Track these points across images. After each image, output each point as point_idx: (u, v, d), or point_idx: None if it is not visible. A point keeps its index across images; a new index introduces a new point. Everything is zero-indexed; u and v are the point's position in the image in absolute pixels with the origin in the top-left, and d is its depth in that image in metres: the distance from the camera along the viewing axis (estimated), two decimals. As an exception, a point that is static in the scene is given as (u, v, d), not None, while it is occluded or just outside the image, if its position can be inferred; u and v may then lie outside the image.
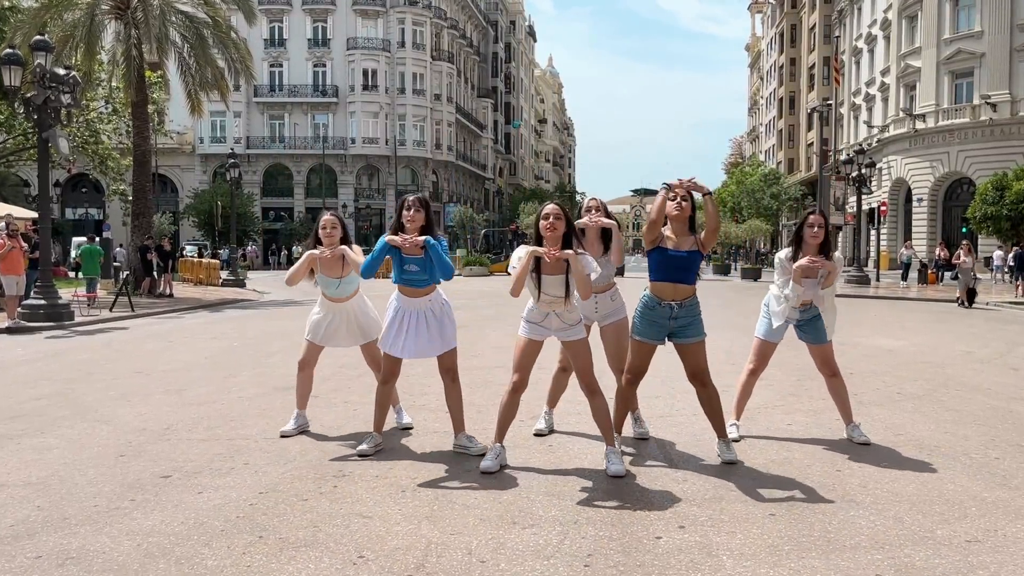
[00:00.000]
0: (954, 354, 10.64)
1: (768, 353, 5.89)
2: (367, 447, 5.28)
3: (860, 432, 5.69)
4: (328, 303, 5.98)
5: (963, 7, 41.71)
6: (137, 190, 24.56)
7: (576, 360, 4.94)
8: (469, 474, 4.82)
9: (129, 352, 11.00)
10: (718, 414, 5.19)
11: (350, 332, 6.01)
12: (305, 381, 6.10)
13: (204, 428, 6.08)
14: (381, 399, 5.35)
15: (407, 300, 5.24)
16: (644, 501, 4.31)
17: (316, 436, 5.85)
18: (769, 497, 4.39)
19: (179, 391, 7.73)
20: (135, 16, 22.94)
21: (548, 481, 4.68)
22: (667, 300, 5.04)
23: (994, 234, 22.50)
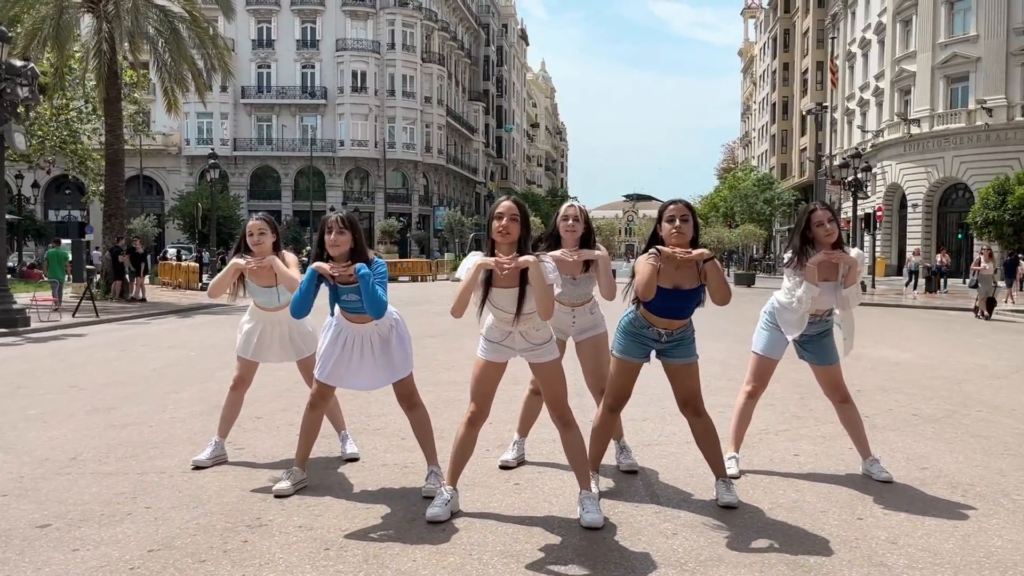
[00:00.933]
0: (967, 368, 9.85)
1: (768, 371, 5.03)
2: (285, 486, 4.43)
3: (880, 468, 4.86)
4: (260, 313, 5.16)
5: (958, 11, 41.15)
6: (109, 190, 23.63)
7: (546, 387, 4.11)
8: (413, 524, 3.98)
9: (73, 363, 10.12)
10: (715, 449, 4.38)
11: (283, 346, 5.21)
12: (234, 404, 5.27)
13: (116, 458, 5.22)
14: (307, 426, 4.50)
15: (348, 324, 4.41)
16: (624, 566, 3.48)
17: (246, 466, 5.01)
18: (778, 560, 3.56)
19: (108, 410, 6.86)
20: (107, 10, 22.05)
21: (508, 535, 3.84)
22: (656, 328, 4.26)
23: (996, 239, 21.76)
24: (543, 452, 5.35)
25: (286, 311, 5.08)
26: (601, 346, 4.87)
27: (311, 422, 4.49)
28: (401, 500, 4.37)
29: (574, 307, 4.78)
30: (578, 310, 4.80)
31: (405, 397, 4.52)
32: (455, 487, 4.15)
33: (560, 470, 4.92)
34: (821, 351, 4.91)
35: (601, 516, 3.93)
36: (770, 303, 5.05)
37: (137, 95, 31.21)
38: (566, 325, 4.83)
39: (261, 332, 5.18)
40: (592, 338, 4.85)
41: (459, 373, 8.89)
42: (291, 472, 4.50)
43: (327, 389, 4.47)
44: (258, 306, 5.15)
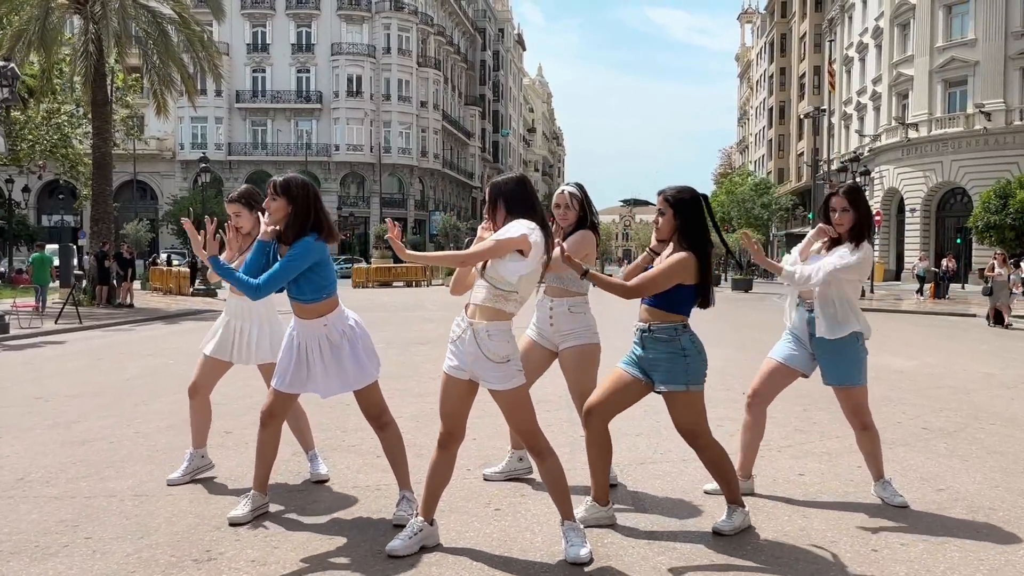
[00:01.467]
0: (974, 377, 9.47)
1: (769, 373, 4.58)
2: (241, 512, 4.02)
3: (893, 491, 4.47)
4: (238, 305, 4.75)
5: (956, 15, 40.91)
6: (97, 194, 23.21)
7: (508, 418, 3.63)
8: (378, 558, 3.59)
9: (44, 372, 9.72)
10: (722, 477, 3.95)
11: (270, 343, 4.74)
12: (200, 409, 4.86)
13: (66, 479, 4.83)
14: (263, 445, 4.07)
15: (299, 325, 4.01)
16: (613, 606, 3.10)
17: (206, 487, 4.62)
18: (786, 598, 3.18)
19: (70, 424, 6.46)
20: (94, 11, 21.67)
21: (483, 571, 3.45)
22: (637, 322, 3.90)
23: (997, 244, 21.41)
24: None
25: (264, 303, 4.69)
26: (586, 357, 4.44)
27: (267, 440, 4.07)
28: (370, 529, 3.98)
29: (552, 297, 4.41)
30: (556, 302, 4.41)
31: (372, 415, 4.15)
32: (429, 520, 3.73)
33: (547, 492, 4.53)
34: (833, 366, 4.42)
35: (588, 550, 3.54)
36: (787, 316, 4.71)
37: (130, 99, 30.88)
38: (544, 319, 4.44)
39: (240, 328, 4.76)
40: (576, 348, 4.41)
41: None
42: (249, 497, 4.10)
43: (283, 402, 4.05)
44: (232, 290, 4.73)
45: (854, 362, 4.35)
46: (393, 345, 12.34)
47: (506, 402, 3.55)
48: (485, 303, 3.49)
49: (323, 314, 3.96)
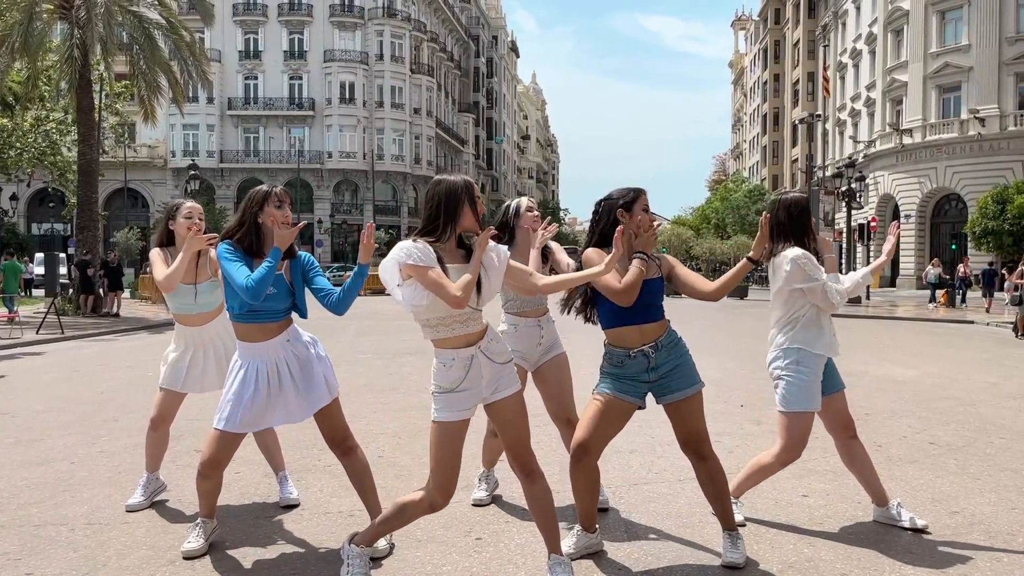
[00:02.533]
0: (979, 387, 9.18)
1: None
2: (197, 545, 3.68)
3: (906, 512, 4.15)
4: (187, 333, 4.43)
5: (950, 21, 40.84)
6: (83, 202, 22.85)
7: (510, 428, 3.26)
8: (347, 595, 3.27)
9: (16, 385, 9.36)
10: (723, 497, 3.66)
11: (220, 371, 4.44)
12: (159, 442, 4.53)
13: (17, 505, 4.49)
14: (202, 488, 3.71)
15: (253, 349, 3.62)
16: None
17: (165, 514, 4.29)
18: (795, 643, 2.87)
19: (32, 441, 6.13)
20: (79, 16, 21.35)
21: (461, 611, 3.14)
22: (636, 348, 3.52)
23: (995, 250, 21.19)
24: (514, 492, 4.62)
25: (215, 325, 4.38)
26: (564, 366, 4.31)
27: (210, 487, 3.71)
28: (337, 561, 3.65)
29: (540, 318, 4.23)
30: (543, 320, 4.25)
31: (336, 440, 3.74)
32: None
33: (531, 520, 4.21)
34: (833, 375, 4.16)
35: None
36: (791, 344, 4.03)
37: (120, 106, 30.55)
38: (532, 344, 4.22)
39: (193, 357, 4.44)
40: (555, 359, 4.28)
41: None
42: (199, 524, 3.77)
43: (234, 443, 3.68)
44: (181, 321, 4.43)
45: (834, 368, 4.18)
46: (380, 355, 12.02)
47: (512, 409, 3.23)
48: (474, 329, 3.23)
49: (285, 328, 3.64)
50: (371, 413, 6.89)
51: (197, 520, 3.79)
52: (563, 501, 4.21)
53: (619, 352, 3.53)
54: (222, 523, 4.08)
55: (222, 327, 4.42)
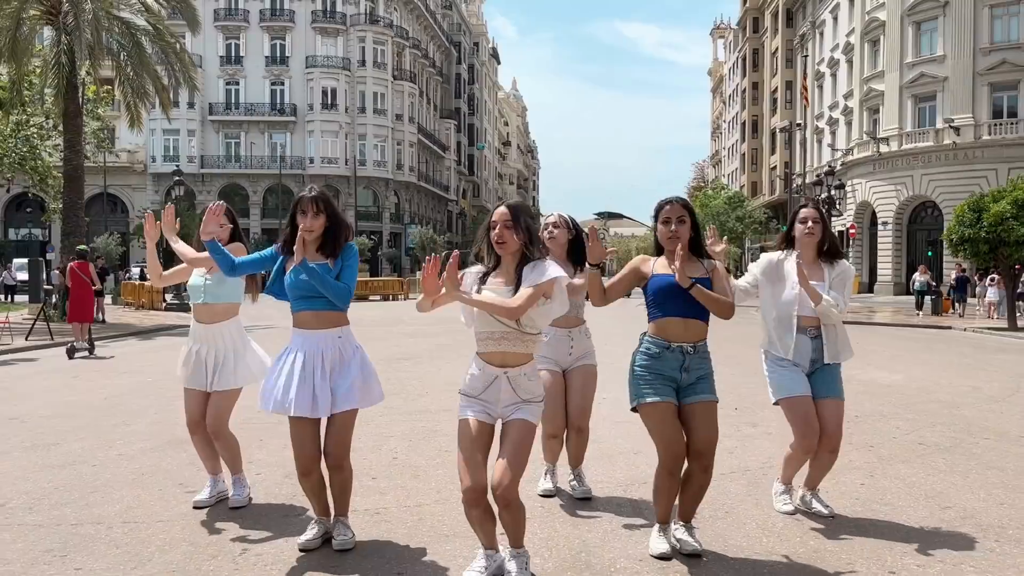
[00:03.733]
0: (961, 391, 9.50)
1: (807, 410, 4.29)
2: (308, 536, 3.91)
3: (820, 501, 4.53)
4: (196, 329, 4.60)
5: (925, 31, 41.59)
6: (68, 207, 22.82)
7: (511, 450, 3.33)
8: (387, 586, 3.46)
9: (18, 391, 9.43)
10: (700, 500, 3.90)
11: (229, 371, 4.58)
12: (202, 444, 4.68)
13: (49, 505, 4.63)
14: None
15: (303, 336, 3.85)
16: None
17: (196, 517, 4.44)
18: (811, 625, 3.10)
19: (49, 446, 6.25)
20: (66, 22, 21.35)
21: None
22: (677, 343, 3.74)
23: (971, 257, 21.62)
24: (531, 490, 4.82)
25: (226, 328, 4.55)
26: (591, 377, 4.62)
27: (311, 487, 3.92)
28: (375, 556, 3.83)
29: (571, 329, 4.55)
30: (574, 332, 4.58)
31: (336, 454, 3.83)
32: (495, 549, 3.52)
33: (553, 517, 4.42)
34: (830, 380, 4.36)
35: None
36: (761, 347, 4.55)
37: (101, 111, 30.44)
38: (563, 353, 4.55)
39: (199, 352, 4.58)
40: (585, 367, 4.60)
41: (434, 400, 8.37)
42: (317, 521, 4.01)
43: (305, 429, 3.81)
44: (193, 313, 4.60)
45: (838, 378, 4.41)
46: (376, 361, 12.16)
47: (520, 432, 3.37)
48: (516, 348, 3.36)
49: (340, 325, 3.86)
50: (378, 417, 7.05)
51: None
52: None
53: (660, 343, 3.74)
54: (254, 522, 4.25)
55: (235, 332, 4.60)
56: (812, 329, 4.33)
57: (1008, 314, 20.98)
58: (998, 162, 38.06)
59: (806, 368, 4.35)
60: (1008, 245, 19.87)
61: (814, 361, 4.34)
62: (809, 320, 4.31)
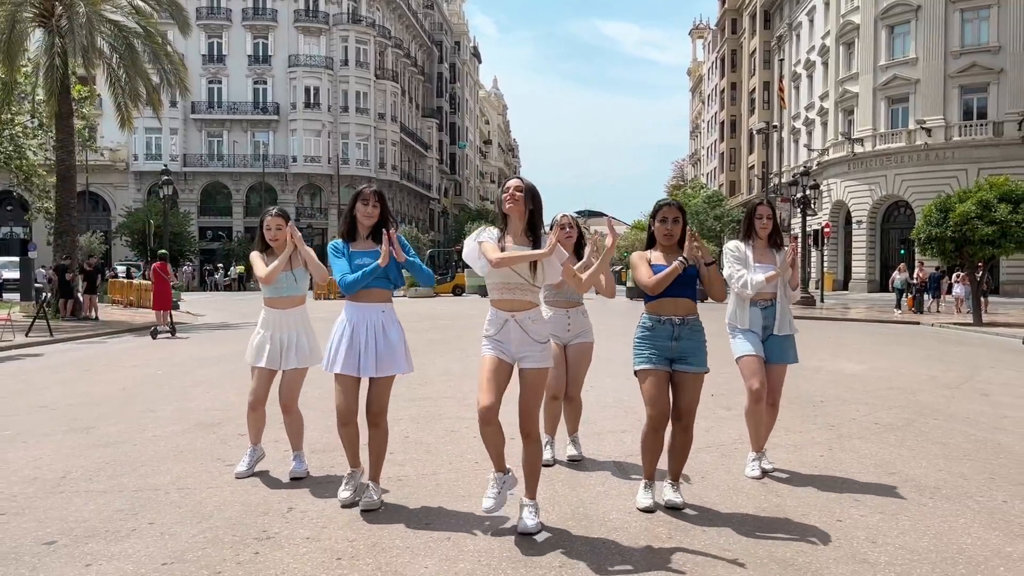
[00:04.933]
0: (919, 379, 10.27)
1: (760, 368, 5.21)
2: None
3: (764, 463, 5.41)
4: (272, 316, 5.24)
5: (898, 35, 42.68)
6: (61, 207, 23.16)
7: (526, 394, 4.10)
8: (419, 532, 4.11)
9: (36, 383, 9.97)
10: (683, 459, 4.63)
11: (300, 352, 5.24)
12: (257, 420, 5.32)
13: (107, 476, 5.24)
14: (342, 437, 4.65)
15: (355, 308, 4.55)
16: (629, 562, 3.66)
17: (237, 485, 5.06)
18: (769, 559, 3.78)
19: (86, 429, 6.82)
20: (60, 24, 21.73)
21: (516, 542, 3.99)
22: (667, 315, 4.46)
23: (938, 255, 22.53)
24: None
25: (297, 313, 5.20)
26: (586, 352, 5.43)
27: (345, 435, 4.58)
28: (402, 512, 4.47)
29: (568, 309, 5.34)
30: (572, 312, 5.37)
31: (375, 411, 4.51)
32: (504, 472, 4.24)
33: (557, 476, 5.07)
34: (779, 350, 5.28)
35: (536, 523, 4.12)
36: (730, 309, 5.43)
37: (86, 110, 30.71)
38: (562, 329, 5.31)
39: (273, 336, 5.22)
40: (581, 344, 5.39)
41: (434, 389, 9.02)
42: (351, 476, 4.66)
43: (348, 384, 4.49)
44: (266, 302, 5.23)
45: (792, 347, 5.35)
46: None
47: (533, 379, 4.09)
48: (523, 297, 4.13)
49: (386, 300, 4.57)
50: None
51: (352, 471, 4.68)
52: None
53: (652, 318, 4.47)
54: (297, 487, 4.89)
55: (303, 318, 5.29)
56: (763, 302, 5.25)
57: (973, 309, 21.89)
58: (968, 163, 39.22)
59: (760, 335, 5.25)
60: (973, 244, 20.77)
61: (766, 328, 5.25)
62: (761, 295, 5.22)
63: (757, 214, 5.33)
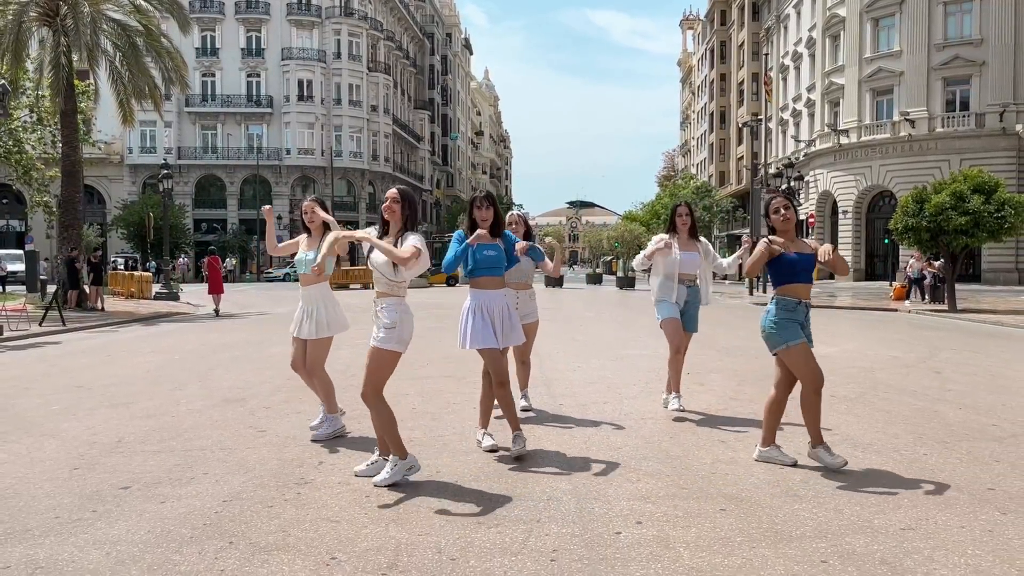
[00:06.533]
0: (883, 359, 11.14)
1: (680, 328, 6.81)
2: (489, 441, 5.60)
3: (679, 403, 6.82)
4: (302, 292, 6.13)
5: (883, 28, 43.54)
6: (66, 201, 23.87)
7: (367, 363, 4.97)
8: (431, 480, 4.93)
9: (65, 367, 10.75)
10: (819, 421, 5.27)
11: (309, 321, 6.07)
12: (308, 383, 6.22)
13: (157, 440, 6.05)
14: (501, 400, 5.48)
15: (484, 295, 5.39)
16: (602, 500, 4.50)
17: (272, 446, 5.87)
18: (719, 494, 4.62)
19: (125, 404, 7.62)
20: (64, 23, 22.39)
21: (510, 483, 4.83)
22: (803, 300, 5.26)
23: (914, 245, 23.44)
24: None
25: (314, 290, 6.00)
26: (533, 329, 6.77)
27: (502, 398, 5.41)
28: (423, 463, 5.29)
29: (519, 291, 6.41)
30: (521, 294, 6.48)
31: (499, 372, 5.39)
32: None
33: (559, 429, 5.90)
34: (691, 321, 6.93)
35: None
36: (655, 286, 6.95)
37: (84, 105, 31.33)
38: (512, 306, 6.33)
39: (300, 308, 6.13)
40: (529, 324, 6.59)
41: (436, 369, 9.86)
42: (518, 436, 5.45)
43: (492, 355, 5.34)
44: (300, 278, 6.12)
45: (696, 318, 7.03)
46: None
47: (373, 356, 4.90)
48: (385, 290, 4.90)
49: (504, 287, 5.48)
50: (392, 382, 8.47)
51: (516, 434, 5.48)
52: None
53: (792, 301, 5.18)
54: (325, 447, 5.71)
55: (321, 293, 6.06)
56: (688, 281, 6.85)
57: (948, 296, 22.81)
58: (950, 153, 40.18)
59: (681, 306, 6.83)
60: (947, 234, 21.69)
61: (687, 302, 6.85)
62: (686, 276, 6.81)
63: (678, 213, 6.93)
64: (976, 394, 8.18)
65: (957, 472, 5.13)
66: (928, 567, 3.54)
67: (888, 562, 3.59)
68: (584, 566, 3.54)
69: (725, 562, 3.60)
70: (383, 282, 4.84)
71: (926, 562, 3.60)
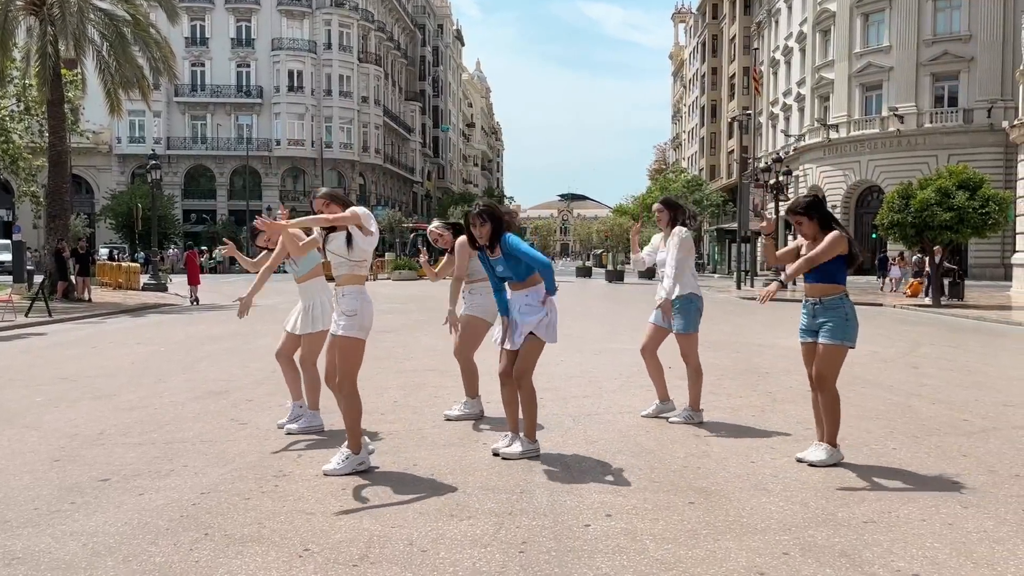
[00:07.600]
0: (861, 355, 11.21)
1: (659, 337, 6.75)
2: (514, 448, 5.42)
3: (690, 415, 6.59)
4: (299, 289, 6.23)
5: (873, 23, 43.70)
6: (53, 191, 23.79)
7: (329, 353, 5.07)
8: (407, 472, 5.01)
9: (50, 358, 10.77)
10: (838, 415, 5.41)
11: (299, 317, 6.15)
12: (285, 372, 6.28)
13: (138, 433, 6.10)
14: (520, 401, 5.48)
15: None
16: (574, 493, 4.58)
17: (253, 439, 5.93)
18: (689, 487, 4.71)
19: (108, 396, 7.67)
20: (51, 12, 22.28)
21: (484, 476, 4.91)
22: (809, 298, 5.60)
23: (900, 240, 23.63)
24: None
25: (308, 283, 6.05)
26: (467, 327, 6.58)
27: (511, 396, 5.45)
28: (394, 457, 5.36)
29: (470, 284, 6.51)
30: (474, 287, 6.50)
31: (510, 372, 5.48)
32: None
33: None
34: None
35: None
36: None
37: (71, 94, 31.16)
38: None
39: (299, 305, 6.19)
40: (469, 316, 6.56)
41: (419, 363, 9.92)
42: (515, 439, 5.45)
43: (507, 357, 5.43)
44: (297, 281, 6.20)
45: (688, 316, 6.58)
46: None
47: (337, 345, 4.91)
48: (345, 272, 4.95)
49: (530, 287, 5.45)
50: (375, 375, 8.57)
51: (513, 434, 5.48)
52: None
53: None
54: (304, 440, 5.77)
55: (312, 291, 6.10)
56: None
57: (932, 292, 23.00)
58: (938, 149, 40.42)
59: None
60: (932, 229, 21.86)
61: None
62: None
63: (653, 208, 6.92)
64: (951, 389, 8.31)
65: (924, 466, 5.24)
66: (886, 559, 3.64)
67: (848, 554, 3.69)
68: (552, 558, 3.62)
69: (690, 554, 3.69)
70: (344, 266, 4.90)
71: (885, 554, 3.70)
